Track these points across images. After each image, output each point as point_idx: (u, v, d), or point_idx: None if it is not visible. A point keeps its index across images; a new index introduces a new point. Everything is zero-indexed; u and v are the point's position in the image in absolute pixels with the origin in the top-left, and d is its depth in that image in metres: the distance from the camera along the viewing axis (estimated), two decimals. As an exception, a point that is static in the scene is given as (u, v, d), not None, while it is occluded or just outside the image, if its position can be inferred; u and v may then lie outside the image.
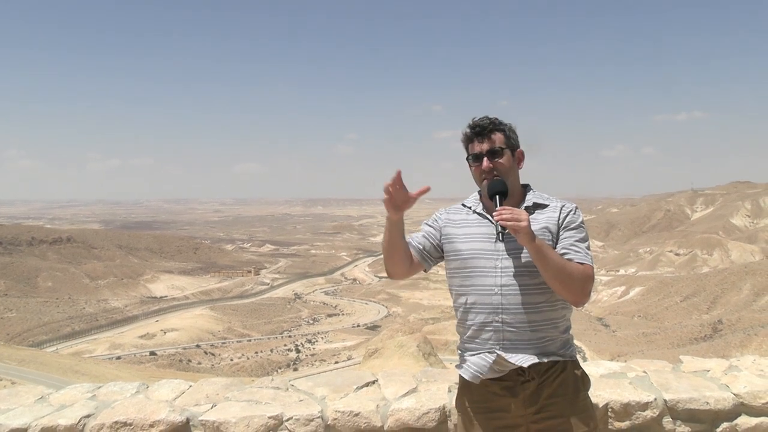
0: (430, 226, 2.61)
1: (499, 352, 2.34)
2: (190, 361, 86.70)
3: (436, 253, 2.56)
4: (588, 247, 2.39)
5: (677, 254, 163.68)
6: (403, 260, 2.53)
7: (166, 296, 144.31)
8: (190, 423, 3.14)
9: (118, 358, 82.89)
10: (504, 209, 2.23)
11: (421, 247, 2.56)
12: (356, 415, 3.12)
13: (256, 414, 3.12)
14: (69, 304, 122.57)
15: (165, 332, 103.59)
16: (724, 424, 3.18)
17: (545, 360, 2.35)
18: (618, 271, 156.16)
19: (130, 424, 3.10)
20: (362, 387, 3.46)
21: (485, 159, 2.41)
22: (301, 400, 3.30)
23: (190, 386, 3.60)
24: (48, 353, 57.07)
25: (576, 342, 2.65)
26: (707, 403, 3.18)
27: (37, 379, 34.04)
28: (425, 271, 2.64)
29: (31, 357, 42.90)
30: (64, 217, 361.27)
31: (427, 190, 2.42)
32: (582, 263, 2.31)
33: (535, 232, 2.25)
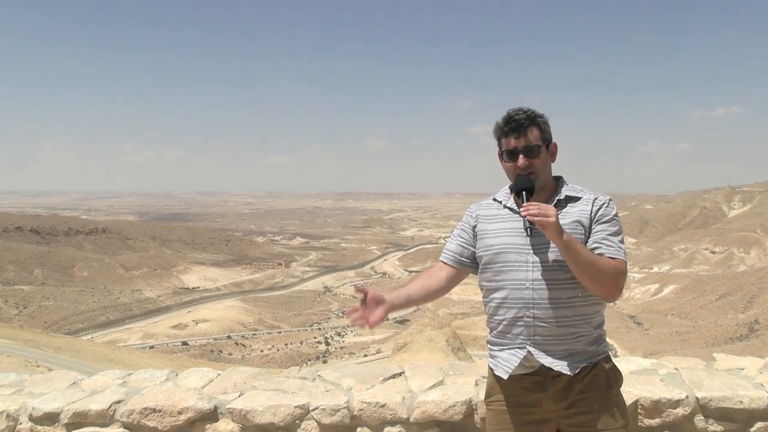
0: (462, 230, 2.57)
1: (530, 348, 2.31)
2: (221, 351, 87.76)
3: (474, 256, 2.52)
4: (621, 241, 2.33)
5: (713, 252, 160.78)
6: (430, 296, 2.55)
7: (198, 287, 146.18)
8: (218, 410, 3.18)
9: (151, 347, 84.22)
10: (531, 205, 2.19)
11: (459, 257, 2.54)
12: (382, 406, 3.12)
13: (282, 403, 3.14)
14: (104, 293, 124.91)
15: (197, 323, 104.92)
16: (759, 424, 3.09)
17: (574, 371, 2.30)
18: (652, 268, 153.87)
19: (159, 411, 3.15)
20: (389, 379, 3.46)
21: (521, 156, 2.34)
22: (327, 391, 3.31)
23: (219, 375, 3.64)
24: (83, 341, 58.22)
25: (608, 339, 2.56)
26: (741, 401, 3.09)
27: (72, 366, 34.66)
28: (475, 274, 2.59)
29: (67, 345, 43.73)
30: (100, 209, 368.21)
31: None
32: (614, 258, 2.25)
33: (566, 226, 2.22)
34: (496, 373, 2.41)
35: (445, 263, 2.57)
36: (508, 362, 2.36)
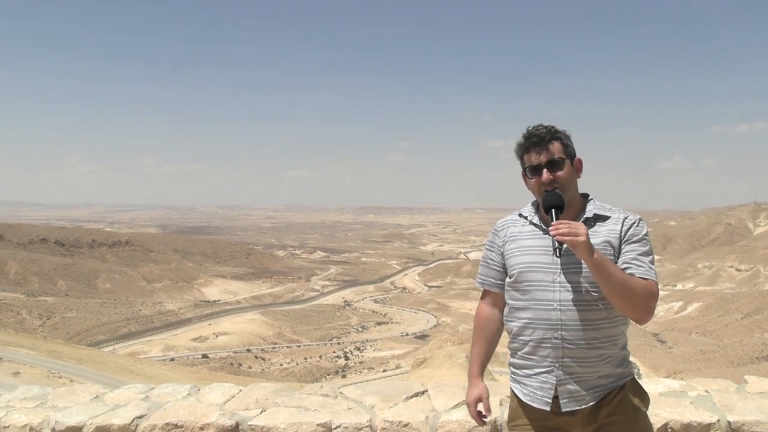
0: (490, 250, 2.51)
1: (557, 372, 2.25)
2: (240, 364, 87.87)
3: (506, 275, 2.46)
4: (652, 262, 2.25)
5: (738, 270, 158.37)
6: (497, 338, 2.57)
7: (219, 300, 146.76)
8: (240, 427, 3.16)
9: (172, 359, 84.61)
10: (561, 223, 2.12)
11: (493, 281, 2.49)
12: (405, 425, 3.08)
13: (304, 421, 3.12)
14: (126, 305, 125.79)
15: (217, 336, 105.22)
16: (793, 450, 3.01)
17: (595, 402, 2.25)
18: (675, 285, 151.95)
19: (181, 426, 3.14)
20: (412, 397, 3.43)
21: (545, 171, 2.28)
22: (349, 409, 3.28)
23: (240, 390, 3.63)
24: (105, 353, 58.69)
25: (631, 358, 2.49)
26: (775, 426, 3.02)
27: (94, 377, 35.02)
28: None
29: (89, 356, 44.10)
30: (123, 221, 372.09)
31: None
32: (645, 278, 2.18)
33: (595, 246, 2.14)
34: (532, 404, 2.33)
35: (486, 289, 2.54)
36: (543, 392, 2.29)
